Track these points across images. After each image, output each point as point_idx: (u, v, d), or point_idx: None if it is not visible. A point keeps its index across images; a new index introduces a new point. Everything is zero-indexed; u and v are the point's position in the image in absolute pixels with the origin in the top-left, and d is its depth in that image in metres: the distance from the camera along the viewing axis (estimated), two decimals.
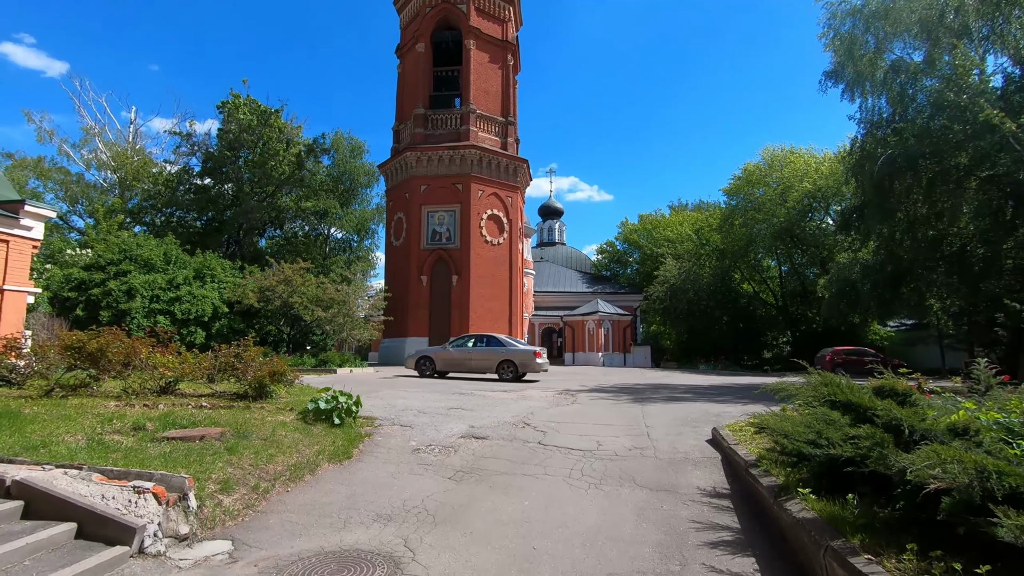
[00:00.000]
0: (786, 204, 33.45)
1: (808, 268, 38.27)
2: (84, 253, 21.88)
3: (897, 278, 19.17)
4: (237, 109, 32.56)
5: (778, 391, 4.86)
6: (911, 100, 17.26)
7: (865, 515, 3.28)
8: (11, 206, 12.62)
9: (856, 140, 19.48)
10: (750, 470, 4.72)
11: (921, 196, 17.17)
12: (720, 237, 39.89)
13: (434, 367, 17.91)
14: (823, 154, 35.49)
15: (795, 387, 4.65)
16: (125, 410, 6.73)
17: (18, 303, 12.82)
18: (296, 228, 38.10)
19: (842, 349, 27.72)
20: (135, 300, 19.09)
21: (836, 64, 18.92)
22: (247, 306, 21.10)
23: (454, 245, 28.56)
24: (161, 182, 33.56)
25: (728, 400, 12.16)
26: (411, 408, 9.45)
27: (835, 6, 18.59)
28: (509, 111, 31.35)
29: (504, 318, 29.14)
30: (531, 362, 16.95)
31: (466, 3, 30.48)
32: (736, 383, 19.05)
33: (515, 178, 30.86)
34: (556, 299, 45.91)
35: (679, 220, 49.93)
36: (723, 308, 37.82)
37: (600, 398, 12.40)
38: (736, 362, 36.14)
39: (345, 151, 38.61)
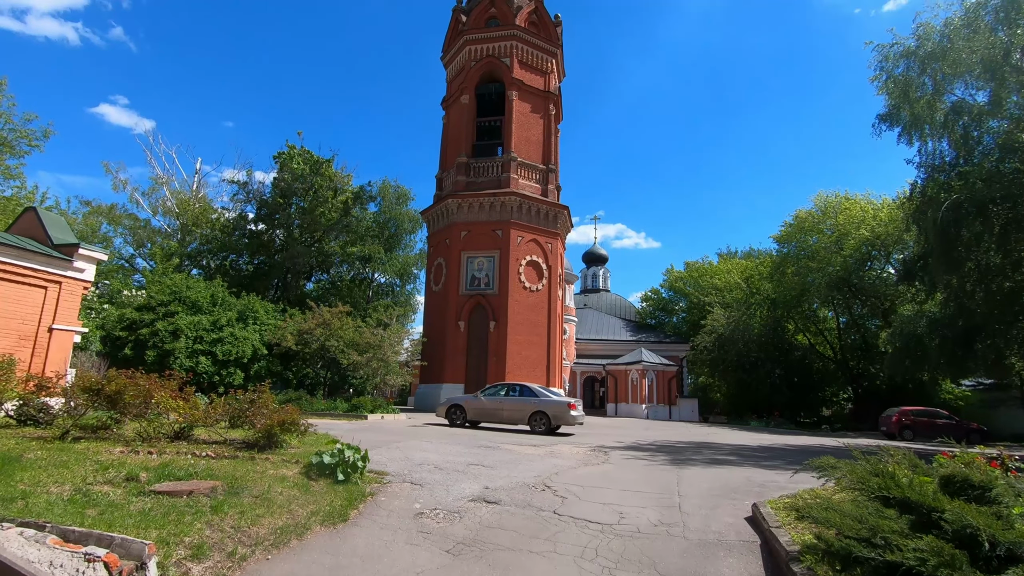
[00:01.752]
0: (842, 252, 31.78)
1: (869, 320, 35.90)
2: (139, 294, 22.89)
3: (970, 333, 17.46)
4: (291, 159, 34.26)
5: (822, 468, 4.13)
6: (976, 142, 16.12)
7: None
8: (67, 249, 13.24)
9: (916, 185, 18.30)
10: (792, 566, 3.96)
11: (993, 244, 15.75)
12: (771, 286, 38.17)
13: (465, 416, 17.37)
14: (881, 200, 33.83)
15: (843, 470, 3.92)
16: (127, 457, 6.55)
17: (65, 342, 13.22)
18: (342, 272, 39.07)
19: (910, 410, 25.43)
20: (179, 341, 19.63)
21: (891, 107, 18.02)
22: (286, 349, 21.35)
23: (492, 291, 28.38)
24: (218, 227, 35.30)
25: (777, 466, 11.03)
26: (428, 463, 8.94)
27: (887, 49, 17.86)
28: (550, 159, 31.57)
29: (542, 366, 28.42)
30: (565, 414, 16.15)
31: (509, 57, 31.39)
32: (789, 444, 17.54)
33: (555, 225, 30.73)
34: (599, 347, 44.77)
35: (727, 268, 48.38)
36: (775, 360, 35.74)
37: (635, 458, 11.50)
38: (791, 419, 33.81)
39: (391, 198, 39.77)
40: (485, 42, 31.84)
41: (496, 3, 32.07)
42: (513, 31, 31.41)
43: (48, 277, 12.56)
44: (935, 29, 16.88)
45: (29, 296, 12.23)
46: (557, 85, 34.20)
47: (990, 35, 15.64)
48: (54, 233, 13.55)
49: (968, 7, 16.33)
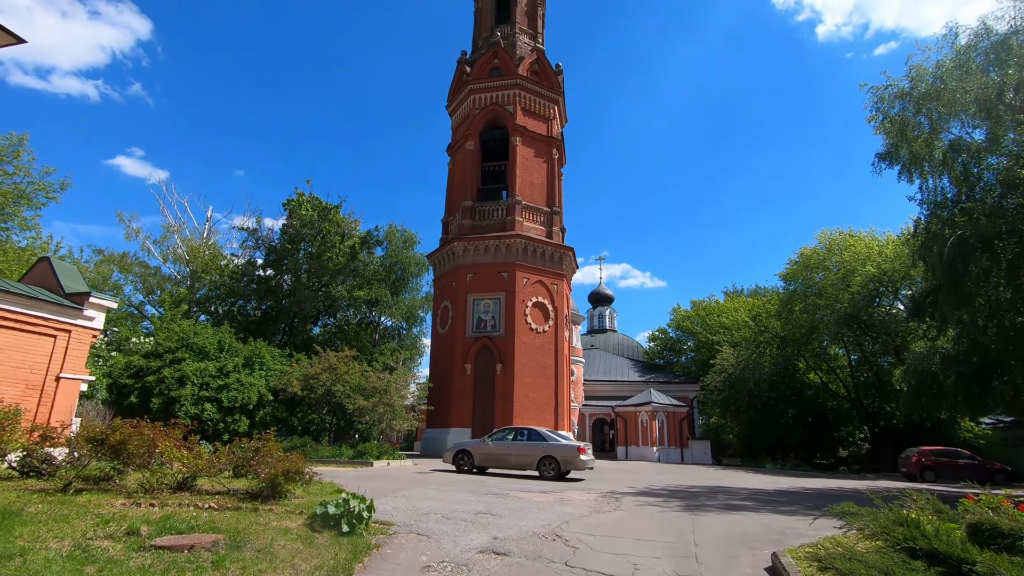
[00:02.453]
0: (849, 289, 31.65)
1: (881, 357, 35.36)
2: (147, 341, 22.96)
3: (985, 370, 17.15)
4: (300, 206, 34.89)
5: (843, 515, 3.98)
6: (977, 179, 16.26)
7: None
8: (78, 298, 13.37)
9: (920, 221, 18.36)
10: None
11: (1002, 279, 15.64)
12: (780, 324, 37.86)
13: (472, 462, 17.02)
14: (885, 237, 33.89)
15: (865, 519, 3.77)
16: (129, 510, 6.42)
17: (71, 391, 13.18)
18: (348, 316, 39.14)
19: (930, 450, 24.71)
20: (185, 387, 19.55)
21: (889, 146, 18.30)
22: (291, 394, 21.18)
23: (499, 333, 28.29)
24: (227, 273, 35.68)
25: (796, 511, 10.66)
26: (435, 512, 8.71)
27: (881, 90, 18.28)
28: (554, 201, 32.03)
29: (550, 408, 28.00)
30: (574, 459, 15.80)
31: (512, 105, 32.33)
32: (807, 487, 17.01)
33: (560, 266, 30.89)
34: (607, 388, 44.20)
35: (734, 306, 48.15)
36: (788, 400, 35.05)
37: (647, 504, 11.17)
38: (807, 460, 32.90)
39: (398, 242, 40.24)
40: (489, 91, 32.87)
41: (499, 54, 33.26)
42: (516, 80, 32.45)
43: (58, 326, 12.64)
44: (927, 71, 17.31)
45: (38, 345, 12.28)
46: (559, 130, 35.04)
47: (982, 76, 16.00)
48: (66, 282, 13.73)
49: (958, 50, 16.78)
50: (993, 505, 5.08)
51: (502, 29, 34.81)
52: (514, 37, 34.28)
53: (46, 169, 25.39)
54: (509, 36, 34.40)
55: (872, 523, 3.49)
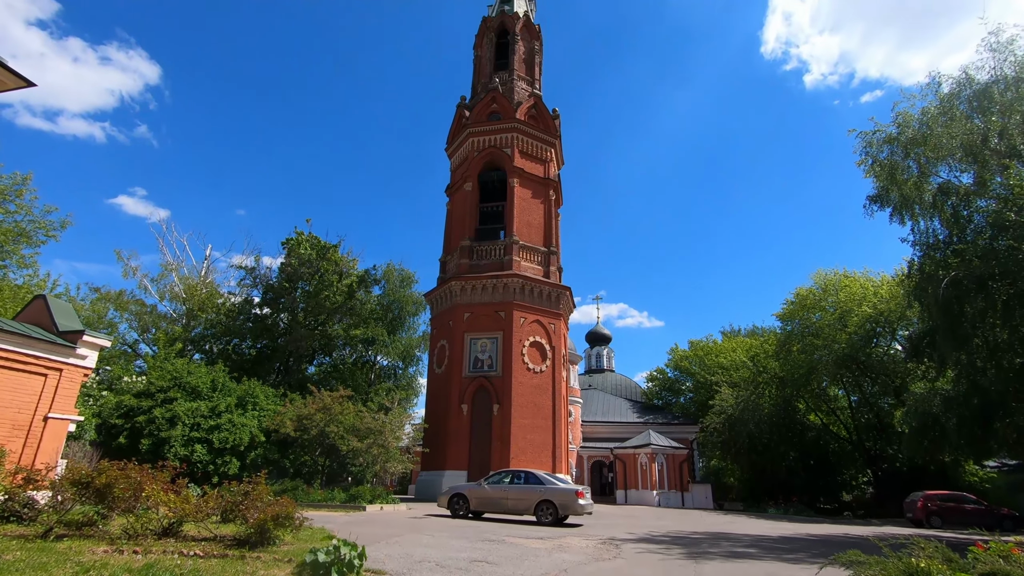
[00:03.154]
0: (846, 329, 31.64)
1: (881, 398, 35.03)
2: (139, 380, 22.64)
3: (987, 411, 17.00)
4: (299, 245, 35.11)
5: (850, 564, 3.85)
6: (967, 221, 16.53)
7: None
8: (71, 336, 13.25)
9: (913, 262, 18.55)
10: None
11: (998, 320, 15.69)
12: (778, 364, 37.65)
13: (468, 506, 16.57)
14: (880, 277, 34.16)
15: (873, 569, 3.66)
16: (111, 557, 6.19)
17: (59, 431, 12.90)
18: (344, 355, 38.81)
19: (936, 494, 24.19)
20: (176, 428, 19.17)
21: (879, 189, 18.67)
22: (284, 435, 20.78)
23: (496, 373, 28.03)
24: (223, 312, 35.51)
25: (801, 559, 10.34)
26: (429, 559, 8.41)
27: (870, 135, 18.79)
28: (551, 242, 32.32)
29: (547, 450, 27.47)
30: (572, 503, 15.40)
31: (511, 147, 33.03)
32: (812, 533, 16.56)
33: (557, 305, 30.90)
34: (605, 429, 43.53)
35: (732, 346, 48.00)
36: (789, 442, 34.55)
37: (648, 551, 10.82)
38: (810, 505, 32.16)
39: (395, 281, 40.33)
40: (488, 134, 33.63)
41: (498, 99, 34.20)
42: (514, 124, 33.26)
43: (50, 364, 12.47)
44: (913, 117, 17.85)
45: (28, 384, 12.08)
46: (556, 172, 35.70)
47: (966, 122, 16.50)
48: (60, 320, 13.62)
49: (942, 97, 17.36)
50: (1003, 554, 4.94)
51: (500, 76, 35.91)
52: (512, 83, 35.34)
53: (47, 208, 25.61)
54: (507, 82, 35.46)
55: (881, 572, 3.38)
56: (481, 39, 38.49)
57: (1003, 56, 16.64)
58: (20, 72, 9.96)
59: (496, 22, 38.10)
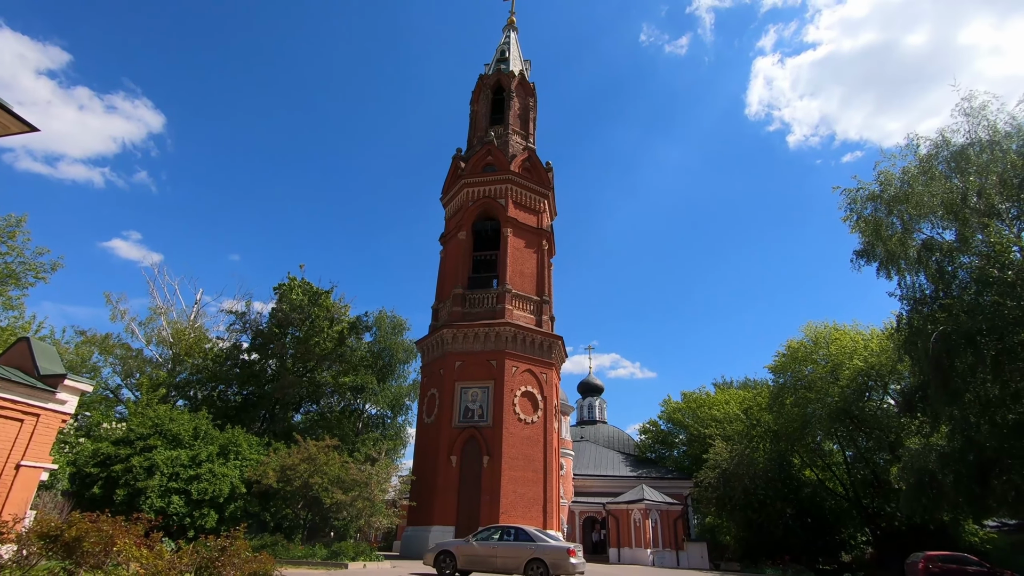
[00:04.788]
0: (839, 383, 31.52)
1: (876, 453, 34.52)
2: (119, 427, 21.99)
3: (983, 468, 16.78)
4: (291, 290, 35.01)
5: None
6: (952, 276, 16.86)
7: None
8: (52, 380, 12.92)
9: (902, 317, 18.78)
10: None
11: (989, 375, 15.74)
12: (771, 417, 37.25)
13: (455, 565, 15.89)
14: (870, 331, 34.31)
15: None
16: None
17: (30, 480, 12.37)
18: (332, 403, 38.05)
19: (937, 555, 23.50)
20: (154, 478, 18.47)
21: (865, 244, 19.09)
22: (265, 487, 20.07)
23: (486, 423, 27.51)
24: (211, 357, 34.97)
25: None
26: None
27: (853, 192, 19.38)
28: (544, 291, 32.47)
29: (538, 505, 26.65)
30: (564, 562, 14.81)
31: (505, 198, 33.67)
32: None
33: (550, 355, 30.72)
34: (597, 483, 42.49)
35: (725, 398, 47.65)
36: (785, 498, 33.74)
37: None
38: (810, 566, 31.13)
39: (387, 328, 40.10)
40: (482, 184, 34.33)
41: (493, 151, 35.12)
42: (508, 175, 34.03)
43: (27, 409, 12.09)
44: (894, 175, 18.49)
45: (2, 430, 11.67)
46: (549, 223, 36.29)
47: (946, 181, 17.09)
48: (42, 363, 13.32)
49: (921, 158, 18.04)
50: None
51: (496, 130, 37.02)
52: (507, 137, 36.39)
53: (39, 250, 25.57)
54: (502, 136, 36.52)
55: None
56: (478, 95, 39.90)
57: (976, 120, 17.44)
58: (24, 118, 10.17)
59: (492, 79, 39.61)
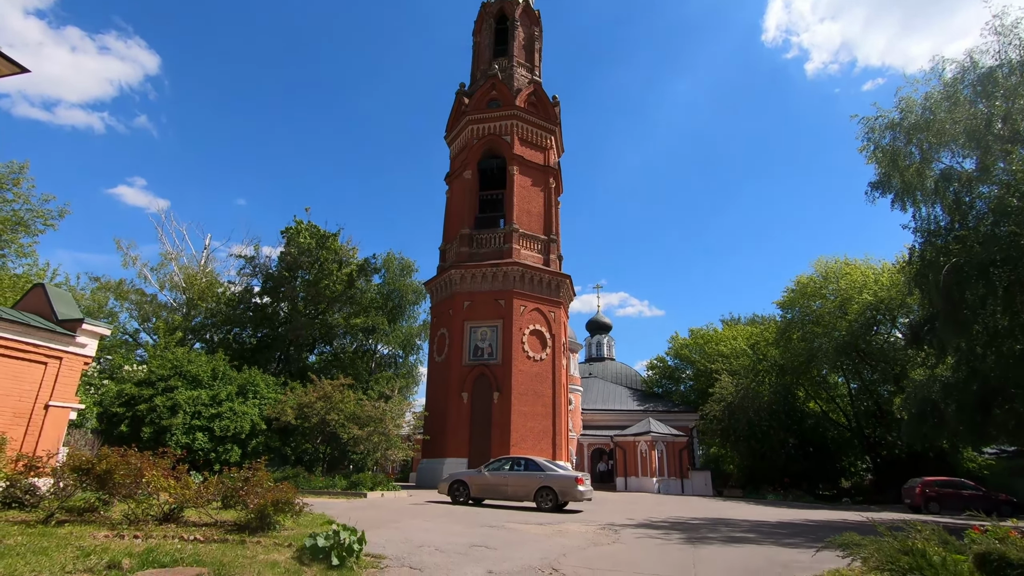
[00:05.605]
0: (847, 317, 31.63)
1: (881, 386, 35.10)
2: (140, 369, 22.70)
3: (986, 398, 17.01)
4: (298, 234, 35.03)
5: (846, 546, 3.85)
6: (969, 207, 16.43)
7: None
8: (70, 324, 13.24)
9: (915, 249, 18.47)
10: None
11: (999, 307, 15.66)
12: (778, 352, 37.72)
13: (468, 493, 16.67)
14: (881, 265, 34.07)
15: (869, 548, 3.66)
16: (112, 542, 6.21)
17: (60, 420, 12.94)
18: (344, 344, 38.87)
19: (934, 480, 24.33)
20: (177, 416, 19.24)
21: (881, 175, 18.54)
22: (285, 423, 20.87)
23: (496, 361, 28.08)
24: (223, 301, 35.54)
25: (799, 544, 10.41)
26: (429, 544, 8.46)
27: (872, 121, 18.62)
28: (551, 230, 32.22)
29: (547, 437, 27.60)
30: (572, 490, 15.49)
31: (510, 135, 32.81)
32: (810, 519, 16.66)
33: (557, 293, 30.88)
34: (605, 417, 43.72)
35: (732, 334, 48.05)
36: (788, 429, 34.66)
37: (647, 536, 10.89)
38: (810, 491, 32.35)
39: (395, 269, 40.30)
40: (487, 121, 33.39)
41: (497, 86, 33.92)
42: (513, 111, 33.00)
43: (49, 353, 12.48)
44: (916, 102, 17.67)
45: (28, 372, 12.10)
46: (556, 160, 35.50)
47: (970, 107, 16.33)
48: (60, 308, 13.62)
49: (946, 82, 17.16)
50: (1000, 536, 4.94)
51: (500, 62, 35.58)
52: (511, 70, 35.02)
53: (45, 196, 25.53)
54: (507, 69, 35.14)
55: (876, 552, 3.38)
56: (480, 25, 38.11)
57: (1008, 39, 16.43)
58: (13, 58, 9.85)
59: (495, 8, 37.69)
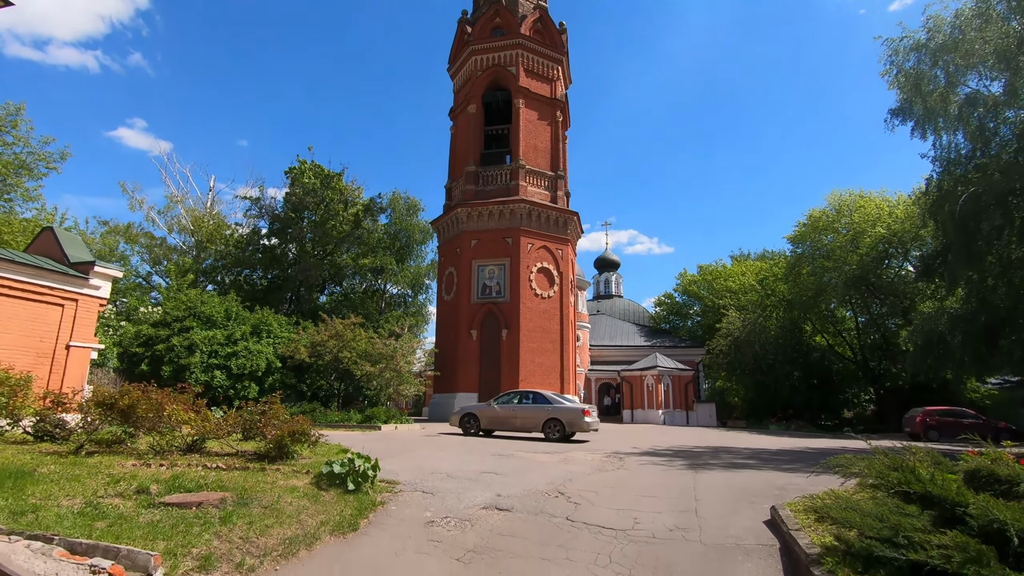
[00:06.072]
0: (858, 251, 31.27)
1: (888, 319, 35.17)
2: (155, 311, 23.18)
3: (993, 329, 17.03)
4: (302, 174, 34.65)
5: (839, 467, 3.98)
6: (993, 133, 15.81)
7: None
8: (83, 267, 13.42)
9: (932, 179, 17.99)
10: (812, 569, 3.82)
11: (1015, 237, 15.38)
12: (786, 287, 37.63)
13: (478, 425, 17.27)
14: (896, 197, 33.27)
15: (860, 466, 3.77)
16: (139, 470, 6.56)
17: (82, 359, 13.36)
18: (354, 284, 39.28)
19: (935, 410, 24.77)
20: (195, 355, 19.81)
21: (902, 101, 17.78)
22: (299, 361, 21.44)
23: (504, 299, 28.33)
24: (232, 243, 35.73)
25: (798, 468, 10.78)
26: (440, 471, 8.86)
27: (896, 43, 17.64)
28: (559, 165, 31.57)
29: (555, 373, 28.24)
30: (579, 421, 15.99)
31: (515, 65, 31.54)
32: (810, 447, 17.18)
33: (565, 231, 30.66)
34: (613, 353, 44.46)
35: (741, 270, 47.88)
36: (793, 363, 35.13)
37: (651, 463, 11.32)
38: (812, 422, 33.16)
39: (402, 209, 40.02)
40: (491, 51, 32.04)
41: (501, 13, 32.29)
42: (518, 40, 31.57)
43: (65, 295, 12.75)
44: (945, 21, 16.67)
45: (47, 314, 12.41)
46: (563, 92, 34.27)
47: (1003, 24, 15.39)
48: (71, 251, 13.78)
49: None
50: (994, 458, 5.07)
51: None
52: None
53: (45, 139, 25.27)
54: None
55: (867, 469, 3.49)
56: None
57: None
58: None
59: None
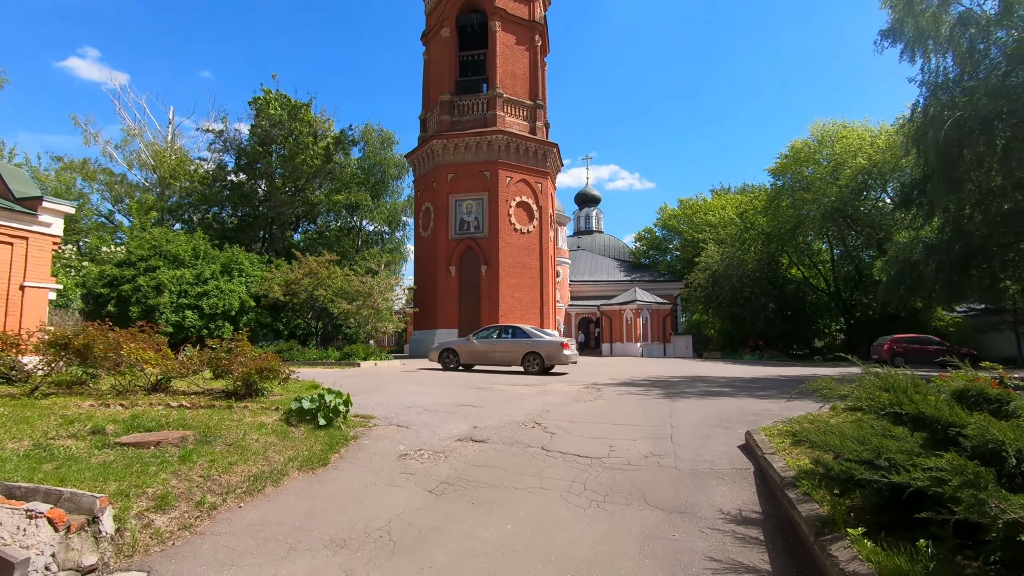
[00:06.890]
0: (838, 182, 31.12)
1: (863, 251, 35.66)
2: (119, 250, 22.26)
3: (966, 257, 17.23)
4: (268, 104, 32.76)
5: (820, 390, 3.86)
6: (983, 55, 15.32)
7: (944, 572, 2.31)
8: (30, 203, 12.58)
9: (917, 105, 17.57)
10: (787, 491, 3.76)
11: (996, 164, 15.26)
12: (766, 220, 37.69)
13: (458, 360, 17.28)
14: (879, 127, 32.84)
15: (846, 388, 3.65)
16: (96, 410, 6.28)
17: (39, 300, 12.81)
18: (329, 221, 38.22)
19: (902, 337, 25.56)
20: (163, 295, 19.21)
21: (894, 21, 17.05)
22: (274, 300, 21.01)
23: (482, 234, 27.83)
24: (197, 179, 34.14)
25: (771, 395, 10.98)
26: (417, 405, 8.77)
27: None
28: (538, 94, 30.27)
29: (535, 308, 28.28)
30: (558, 354, 16.06)
31: None
32: (782, 375, 17.62)
33: (545, 163, 29.82)
34: (593, 288, 44.71)
35: (721, 204, 47.71)
36: (769, 295, 35.71)
37: (628, 393, 11.42)
38: (784, 352, 34.15)
39: (375, 142, 38.44)
40: None
41: None
42: None
43: (13, 233, 11.99)
44: None
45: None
46: (542, 13, 32.36)
47: None
48: (15, 186, 12.85)
49: None
50: (969, 380, 5.02)
51: None
52: None
53: None
54: None
55: (856, 390, 3.36)
56: None
57: None
58: None
59: None
